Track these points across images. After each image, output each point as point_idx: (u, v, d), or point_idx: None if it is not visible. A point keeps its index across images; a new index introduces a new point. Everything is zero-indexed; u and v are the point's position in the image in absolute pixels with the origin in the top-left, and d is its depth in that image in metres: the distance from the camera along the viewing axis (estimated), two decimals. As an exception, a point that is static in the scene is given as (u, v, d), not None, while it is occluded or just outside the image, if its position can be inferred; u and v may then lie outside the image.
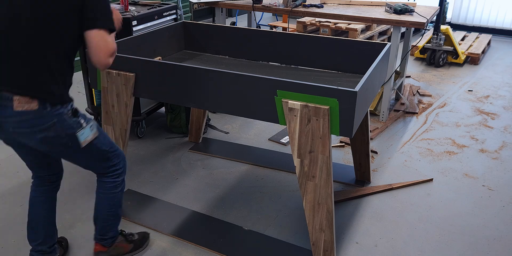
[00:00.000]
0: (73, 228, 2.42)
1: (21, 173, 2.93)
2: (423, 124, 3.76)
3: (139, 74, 2.19)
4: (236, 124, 3.67)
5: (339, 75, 2.55)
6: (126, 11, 3.10)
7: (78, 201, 2.65)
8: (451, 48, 5.18)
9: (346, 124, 1.82)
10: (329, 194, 1.98)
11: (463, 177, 2.98)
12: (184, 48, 2.99)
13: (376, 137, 3.50)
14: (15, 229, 2.41)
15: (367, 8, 3.83)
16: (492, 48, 6.07)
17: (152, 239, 2.33)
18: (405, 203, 2.69)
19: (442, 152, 3.30)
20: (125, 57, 2.19)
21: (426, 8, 3.82)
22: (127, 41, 2.50)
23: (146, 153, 3.20)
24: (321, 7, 3.80)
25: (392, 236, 2.41)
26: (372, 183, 2.88)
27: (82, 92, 4.12)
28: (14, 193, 2.72)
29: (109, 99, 2.32)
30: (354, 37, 4.75)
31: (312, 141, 1.89)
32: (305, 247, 2.29)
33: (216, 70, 1.99)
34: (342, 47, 2.54)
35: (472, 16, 6.85)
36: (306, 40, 2.62)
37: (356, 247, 2.32)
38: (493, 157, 3.25)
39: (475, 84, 4.70)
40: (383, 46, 2.41)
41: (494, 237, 2.42)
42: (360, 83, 1.83)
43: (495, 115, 3.96)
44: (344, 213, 2.58)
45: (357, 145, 2.71)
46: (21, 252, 2.25)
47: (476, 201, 2.73)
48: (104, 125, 2.40)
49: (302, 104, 1.84)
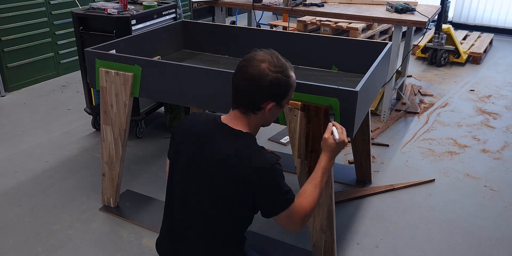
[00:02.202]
0: (71, 228, 2.41)
1: (19, 173, 2.91)
2: (424, 124, 3.74)
3: (138, 74, 2.17)
4: (236, 124, 3.64)
5: (339, 75, 2.53)
6: (125, 10, 3.09)
7: (76, 201, 2.64)
8: (453, 47, 5.16)
9: (347, 124, 1.80)
10: (329, 195, 1.97)
11: (465, 178, 2.96)
12: (183, 48, 2.97)
13: (377, 137, 3.48)
14: (13, 230, 2.40)
15: (368, 7, 3.81)
16: (494, 48, 6.04)
17: (152, 239, 2.32)
18: (407, 204, 2.67)
19: (443, 152, 3.28)
20: (124, 56, 2.18)
21: (427, 7, 3.80)
22: (126, 40, 2.48)
23: (145, 153, 3.18)
24: (322, 6, 3.78)
25: (393, 237, 2.39)
26: (373, 183, 2.86)
27: (81, 92, 4.11)
28: (12, 193, 2.71)
29: (108, 99, 2.31)
30: (355, 36, 4.73)
31: (313, 141, 1.88)
32: (306, 248, 2.28)
33: (216, 70, 1.98)
34: (342, 46, 2.52)
35: (474, 15, 6.82)
36: (307, 39, 2.60)
37: (357, 248, 2.31)
38: (495, 157, 3.22)
39: (477, 84, 4.67)
40: (384, 45, 2.40)
41: (496, 238, 2.40)
42: (361, 82, 1.81)
43: (497, 115, 3.93)
44: (345, 214, 2.56)
45: (358, 145, 2.69)
46: (20, 253, 2.24)
47: (478, 202, 2.70)
48: (102, 125, 2.39)
49: (302, 103, 1.83)
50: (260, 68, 1.43)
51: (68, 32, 4.52)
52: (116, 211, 2.54)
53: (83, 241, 2.32)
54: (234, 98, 1.51)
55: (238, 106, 1.50)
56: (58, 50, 4.53)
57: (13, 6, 4.01)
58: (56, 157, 3.11)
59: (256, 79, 1.42)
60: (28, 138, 3.37)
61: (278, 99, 1.48)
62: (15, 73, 4.20)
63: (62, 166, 3.00)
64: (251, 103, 1.47)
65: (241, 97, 1.48)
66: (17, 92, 4.24)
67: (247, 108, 1.48)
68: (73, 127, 3.55)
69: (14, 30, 4.08)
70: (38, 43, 4.33)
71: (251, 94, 1.45)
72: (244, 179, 1.39)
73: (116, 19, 2.99)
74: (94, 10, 3.07)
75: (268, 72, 1.43)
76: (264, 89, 1.44)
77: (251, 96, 1.46)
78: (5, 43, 4.05)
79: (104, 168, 2.47)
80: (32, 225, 2.44)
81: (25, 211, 2.55)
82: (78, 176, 2.88)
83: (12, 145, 3.27)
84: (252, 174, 1.39)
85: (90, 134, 3.45)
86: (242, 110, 1.49)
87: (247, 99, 1.47)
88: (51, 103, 4.00)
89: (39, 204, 2.61)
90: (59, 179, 2.86)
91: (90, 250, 2.26)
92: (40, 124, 3.61)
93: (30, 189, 2.75)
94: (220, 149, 1.44)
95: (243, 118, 1.50)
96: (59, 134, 3.44)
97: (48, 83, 4.46)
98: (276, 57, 1.48)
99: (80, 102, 3.95)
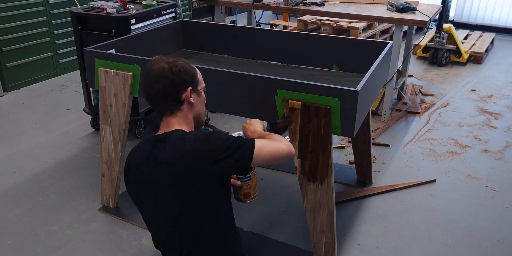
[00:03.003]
0: (70, 229, 2.40)
1: (18, 173, 2.90)
2: (425, 124, 3.72)
3: (137, 74, 2.16)
4: (236, 124, 3.63)
5: (340, 74, 2.52)
6: (124, 9, 3.07)
7: (75, 202, 2.63)
8: (454, 47, 5.14)
9: (347, 124, 1.79)
10: (330, 195, 1.96)
11: (466, 178, 2.94)
12: (183, 47, 2.96)
13: (378, 137, 3.46)
14: (12, 231, 2.39)
15: (369, 6, 3.79)
16: (496, 47, 6.02)
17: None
18: (407, 204, 2.66)
19: (444, 152, 3.26)
20: (123, 56, 2.17)
21: (428, 6, 3.78)
22: (125, 40, 2.47)
23: (145, 153, 3.17)
24: (322, 5, 3.77)
25: (394, 237, 2.38)
26: (374, 184, 2.85)
27: (80, 92, 4.10)
28: (11, 194, 2.70)
29: (107, 99, 2.30)
30: (356, 35, 4.72)
31: (313, 141, 1.87)
32: (306, 248, 2.27)
33: (216, 69, 1.97)
34: (343, 46, 2.51)
35: (475, 14, 6.80)
36: (307, 38, 2.59)
37: (357, 249, 2.29)
38: (497, 157, 3.21)
39: (478, 84, 4.66)
40: (385, 45, 2.38)
41: (498, 238, 2.39)
42: (361, 82, 1.80)
43: (499, 115, 3.92)
44: (345, 214, 2.55)
45: (359, 145, 2.68)
46: (19, 254, 2.22)
47: (480, 202, 2.69)
48: (102, 125, 2.37)
49: (302, 103, 1.81)
50: (158, 66, 1.49)
51: (67, 31, 4.51)
52: (115, 212, 2.53)
53: (82, 242, 2.31)
54: (154, 107, 1.55)
55: (162, 112, 1.53)
56: (57, 49, 4.52)
57: (11, 5, 4.00)
58: (55, 157, 3.10)
59: (161, 75, 1.48)
60: (27, 138, 3.36)
61: (192, 85, 1.52)
62: (13, 73, 4.19)
63: (61, 166, 2.99)
64: (170, 100, 1.50)
65: (159, 100, 1.51)
66: (16, 92, 4.22)
67: (169, 107, 1.51)
68: (72, 127, 3.54)
69: (12, 29, 4.07)
70: (37, 43, 4.32)
71: (164, 91, 1.48)
72: (187, 162, 1.39)
73: (116, 19, 2.97)
74: (93, 9, 3.06)
75: (165, 65, 1.49)
76: (172, 79, 1.48)
77: (166, 93, 1.49)
78: (3, 43, 4.03)
79: (103, 168, 2.46)
80: (31, 225, 2.42)
81: (23, 212, 2.54)
82: (77, 176, 2.86)
83: (10, 145, 3.26)
84: (189, 153, 1.39)
85: (89, 134, 3.44)
86: (167, 113, 1.52)
87: (164, 98, 1.49)
88: (50, 103, 3.99)
89: (38, 205, 2.59)
90: (58, 179, 2.84)
91: (89, 250, 2.25)
92: (39, 124, 3.60)
93: (29, 189, 2.74)
94: (157, 159, 1.44)
95: (173, 121, 1.52)
96: (58, 134, 3.43)
97: (47, 83, 4.45)
98: (166, 56, 1.55)
99: (79, 102, 3.94)
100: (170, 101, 1.50)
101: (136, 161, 1.51)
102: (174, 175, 1.41)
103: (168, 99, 1.50)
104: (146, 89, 1.52)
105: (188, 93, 1.51)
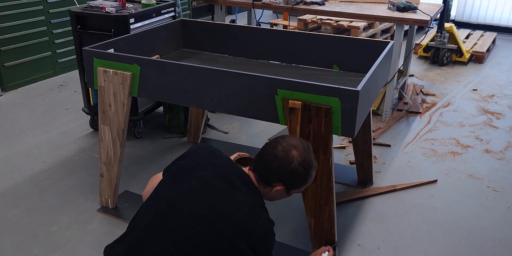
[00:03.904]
0: (69, 230, 2.38)
1: (16, 174, 2.89)
2: (426, 124, 3.71)
3: (137, 73, 2.14)
4: (235, 124, 3.62)
5: (340, 74, 2.50)
6: (123, 8, 3.06)
7: (74, 202, 2.61)
8: (455, 46, 5.12)
9: (348, 124, 1.78)
10: (330, 196, 1.95)
11: (467, 178, 2.93)
12: (182, 47, 2.94)
13: (379, 137, 3.45)
14: (10, 231, 2.37)
15: (370, 6, 3.78)
16: (497, 47, 6.01)
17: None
18: (409, 205, 2.64)
19: (446, 152, 3.25)
20: (122, 55, 2.15)
21: (429, 6, 3.76)
22: (125, 39, 2.46)
23: (143, 154, 3.15)
24: (323, 5, 3.75)
25: (395, 238, 2.37)
26: (375, 184, 2.83)
27: (79, 92, 4.08)
28: (9, 194, 2.68)
29: (106, 99, 2.28)
30: (356, 35, 4.70)
31: (314, 141, 1.85)
32: (306, 249, 2.25)
33: (215, 69, 1.95)
34: (343, 45, 2.50)
35: (476, 13, 6.78)
36: (307, 38, 2.58)
37: (358, 250, 2.28)
38: (498, 157, 3.19)
39: (479, 83, 4.64)
40: (385, 44, 2.37)
41: (499, 239, 2.38)
42: (362, 82, 1.79)
43: (500, 114, 3.90)
44: (346, 215, 2.54)
45: (360, 146, 2.67)
46: (17, 255, 2.21)
47: (481, 203, 2.68)
48: (101, 125, 2.36)
49: (303, 103, 1.80)
50: (290, 153, 1.52)
51: (65, 31, 4.49)
52: (114, 212, 2.51)
53: (81, 243, 2.29)
54: (256, 162, 1.60)
55: (254, 170, 1.59)
56: (55, 49, 4.50)
57: (10, 4, 3.98)
58: (53, 158, 3.08)
59: (281, 160, 1.52)
60: (26, 138, 3.34)
61: (289, 187, 1.57)
62: (12, 73, 4.17)
63: (59, 167, 2.97)
64: (265, 177, 1.56)
65: (261, 166, 1.57)
66: (14, 91, 4.21)
67: (261, 177, 1.57)
68: (71, 127, 3.52)
69: (11, 28, 4.05)
70: (35, 42, 4.30)
71: (269, 169, 1.54)
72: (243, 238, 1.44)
73: (115, 18, 2.95)
74: (92, 8, 3.04)
75: (294, 160, 1.52)
76: (282, 172, 1.52)
77: (268, 171, 1.54)
78: (1, 42, 4.02)
79: (102, 169, 2.44)
80: (29, 226, 2.41)
81: (22, 212, 2.52)
82: (75, 176, 2.85)
83: (9, 145, 3.24)
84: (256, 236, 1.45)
85: (88, 134, 3.42)
86: (256, 176, 1.58)
87: (264, 171, 1.56)
88: (49, 103, 3.98)
89: (37, 205, 2.58)
90: (57, 179, 2.83)
91: (88, 251, 2.24)
92: (37, 124, 3.58)
93: (28, 189, 2.72)
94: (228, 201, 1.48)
95: (257, 182, 1.58)
96: (56, 134, 3.41)
97: (45, 83, 4.43)
98: (308, 151, 1.56)
99: (78, 102, 3.92)
100: (264, 176, 1.56)
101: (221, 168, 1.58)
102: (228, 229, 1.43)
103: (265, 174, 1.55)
104: (267, 147, 1.57)
105: (278, 188, 1.56)
